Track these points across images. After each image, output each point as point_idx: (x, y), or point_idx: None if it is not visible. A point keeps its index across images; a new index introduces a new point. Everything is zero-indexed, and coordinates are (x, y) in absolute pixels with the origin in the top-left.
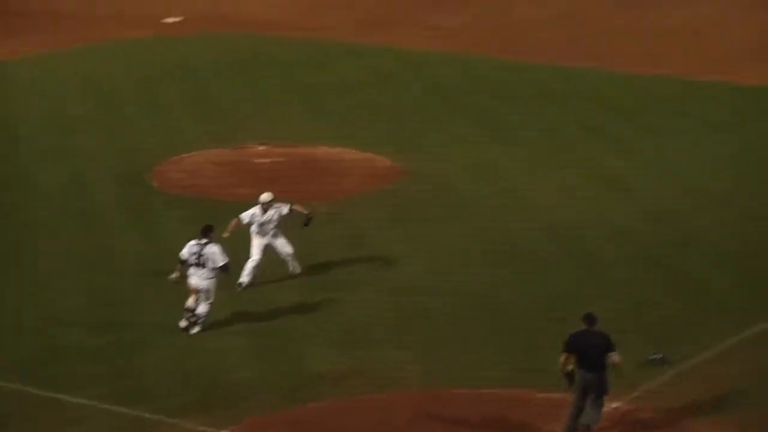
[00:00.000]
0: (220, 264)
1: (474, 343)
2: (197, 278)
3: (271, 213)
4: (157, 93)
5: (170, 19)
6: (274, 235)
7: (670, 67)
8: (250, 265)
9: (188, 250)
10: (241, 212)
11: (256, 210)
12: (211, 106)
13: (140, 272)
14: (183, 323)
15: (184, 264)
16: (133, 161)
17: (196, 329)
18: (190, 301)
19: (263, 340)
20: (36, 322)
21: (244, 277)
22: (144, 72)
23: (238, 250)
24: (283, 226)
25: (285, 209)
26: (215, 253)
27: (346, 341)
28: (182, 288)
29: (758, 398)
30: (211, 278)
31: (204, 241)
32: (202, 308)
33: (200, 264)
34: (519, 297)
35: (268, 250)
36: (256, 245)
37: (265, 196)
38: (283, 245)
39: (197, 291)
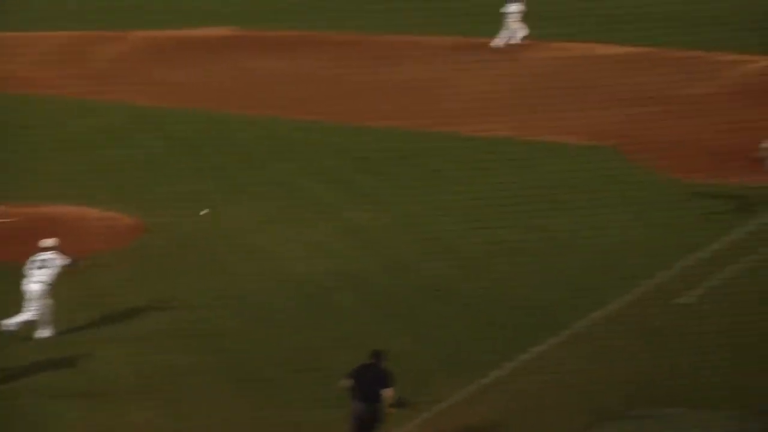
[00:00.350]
0: None
1: (220, 398)
2: None
3: (47, 258)
4: None
5: None
6: (41, 287)
7: (407, 119)
8: (21, 319)
9: None
10: None
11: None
12: None
13: None
14: None
15: None
16: None
17: None
18: None
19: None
20: None
21: (10, 323)
22: None
23: None
24: (53, 283)
25: (60, 260)
26: None
27: (92, 400)
28: None
29: None
30: None
31: None
32: None
33: None
34: (260, 349)
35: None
36: (32, 299)
37: (47, 241)
38: (46, 303)
39: None
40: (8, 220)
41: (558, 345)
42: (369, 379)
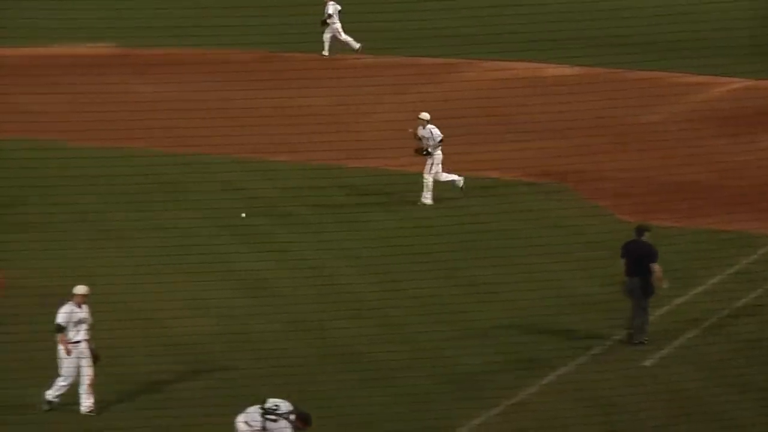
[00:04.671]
0: None
1: None
2: None
3: (86, 309)
4: None
5: None
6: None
7: (313, 153)
8: (61, 384)
9: None
10: None
11: (71, 306)
12: None
13: None
14: None
15: None
16: None
17: None
18: None
19: None
20: None
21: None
22: None
23: None
24: None
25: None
26: None
27: None
28: None
29: None
30: None
31: None
32: None
33: None
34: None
35: None
36: (73, 357)
37: (82, 288)
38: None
39: None
40: None
41: None
42: (639, 255)
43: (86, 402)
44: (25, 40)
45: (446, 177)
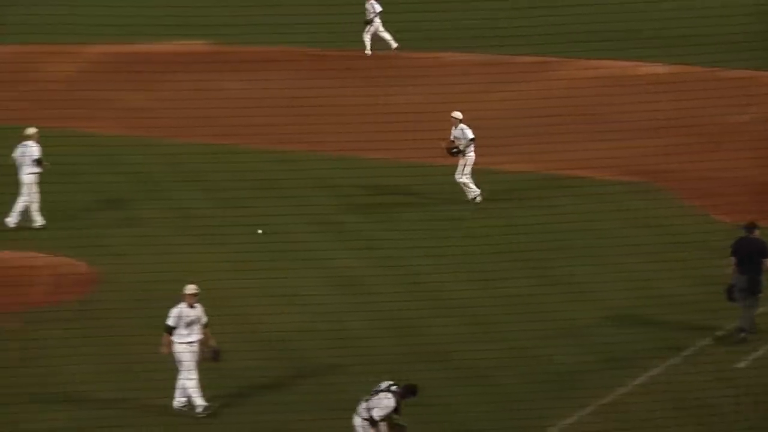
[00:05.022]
0: None
1: None
2: None
3: (199, 308)
4: None
5: None
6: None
7: (404, 150)
8: (191, 386)
9: None
10: None
11: (182, 307)
12: None
13: None
14: None
15: None
16: None
17: None
18: None
19: None
20: None
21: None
22: None
23: None
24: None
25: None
26: None
27: None
28: None
29: None
30: None
31: None
32: None
33: None
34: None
35: None
36: (188, 359)
37: (191, 288)
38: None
39: None
40: None
41: None
42: (751, 252)
43: (181, 398)
44: (122, 37)
45: (469, 182)
